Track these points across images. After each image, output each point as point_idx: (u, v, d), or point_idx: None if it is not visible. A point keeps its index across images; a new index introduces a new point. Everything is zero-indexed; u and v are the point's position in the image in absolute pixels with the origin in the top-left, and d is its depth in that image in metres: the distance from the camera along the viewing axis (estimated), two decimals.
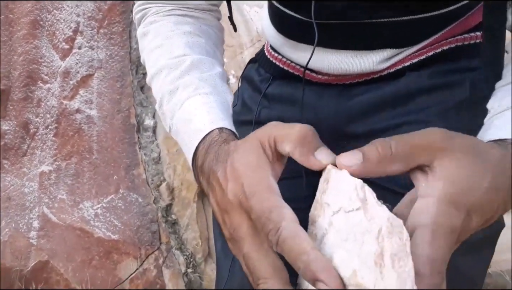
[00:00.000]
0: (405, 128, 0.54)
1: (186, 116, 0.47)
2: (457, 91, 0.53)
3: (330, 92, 0.57)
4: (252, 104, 0.63)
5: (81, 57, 1.47)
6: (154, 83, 0.52)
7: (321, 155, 0.33)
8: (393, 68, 0.55)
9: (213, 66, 0.52)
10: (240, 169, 0.33)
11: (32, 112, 1.45)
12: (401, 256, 0.25)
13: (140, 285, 1.36)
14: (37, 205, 1.39)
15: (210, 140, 0.42)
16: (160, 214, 1.42)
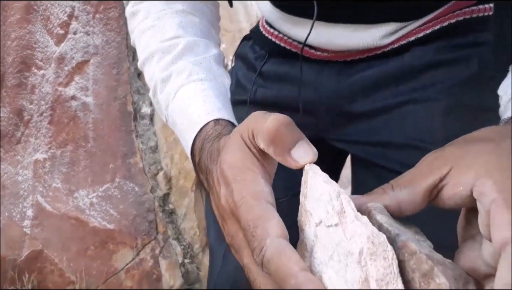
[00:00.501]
0: (409, 107, 0.51)
1: (181, 106, 0.44)
2: (465, 67, 0.50)
3: (330, 69, 0.54)
4: (247, 83, 0.60)
5: (76, 42, 1.44)
6: (146, 68, 0.49)
7: (299, 153, 0.29)
8: (397, 43, 0.52)
9: (208, 48, 0.49)
10: (227, 171, 0.30)
11: (26, 99, 1.42)
12: (388, 280, 0.22)
13: (136, 275, 1.34)
14: (31, 193, 1.36)
15: (204, 134, 0.40)
16: (157, 203, 1.40)
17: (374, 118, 0.53)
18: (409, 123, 0.51)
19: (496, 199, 0.24)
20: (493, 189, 0.24)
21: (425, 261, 0.22)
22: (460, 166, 0.27)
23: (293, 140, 0.29)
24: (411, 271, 0.23)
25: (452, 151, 0.28)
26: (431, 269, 0.22)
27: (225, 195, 0.30)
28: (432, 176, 0.28)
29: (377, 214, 0.26)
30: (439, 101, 0.50)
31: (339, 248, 0.24)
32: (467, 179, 0.26)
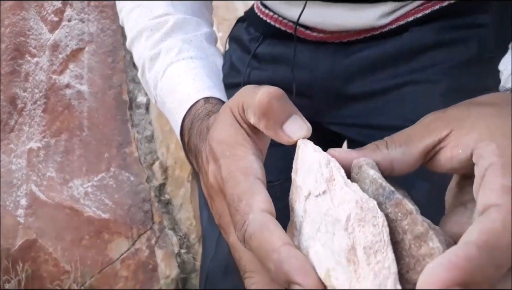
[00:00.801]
0: (408, 88, 0.50)
1: (170, 85, 0.43)
2: (464, 48, 0.49)
3: (326, 50, 0.53)
4: (241, 65, 0.58)
5: (70, 30, 1.42)
6: (134, 47, 0.48)
7: (291, 127, 0.27)
8: (395, 23, 0.50)
9: (199, 26, 0.48)
10: (217, 148, 0.29)
11: (19, 87, 1.40)
12: (377, 248, 0.20)
13: (132, 265, 1.34)
14: (25, 182, 1.35)
15: (194, 113, 0.38)
16: (153, 193, 1.39)
17: (372, 100, 0.52)
18: (407, 105, 0.50)
19: (494, 163, 0.22)
20: (494, 153, 0.22)
21: (421, 223, 0.20)
22: (462, 127, 0.25)
23: (285, 113, 0.27)
24: (402, 231, 0.21)
25: (454, 113, 0.27)
26: (426, 232, 0.20)
27: (214, 171, 0.29)
28: (430, 136, 0.26)
29: (369, 169, 0.24)
30: (438, 82, 0.49)
31: (326, 217, 0.23)
32: (468, 141, 0.24)
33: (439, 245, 0.20)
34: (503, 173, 0.21)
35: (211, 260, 0.53)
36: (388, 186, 0.22)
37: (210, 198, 0.31)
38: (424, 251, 0.20)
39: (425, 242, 0.20)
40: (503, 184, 0.21)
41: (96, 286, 1.32)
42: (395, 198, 0.21)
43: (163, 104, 0.44)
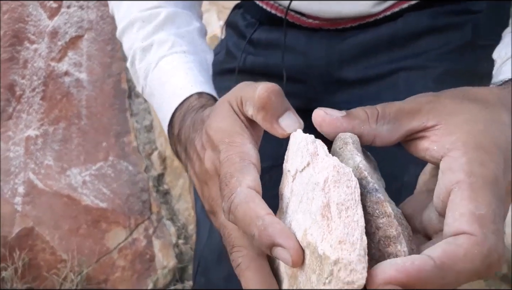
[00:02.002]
0: (402, 74, 0.50)
1: (162, 77, 0.43)
2: (458, 33, 0.49)
3: (321, 36, 0.53)
4: (237, 51, 0.58)
5: (70, 17, 1.41)
6: (125, 37, 0.48)
7: (286, 121, 0.29)
8: (389, 10, 0.50)
9: (190, 20, 0.48)
10: (215, 135, 0.30)
11: (18, 74, 1.39)
12: (348, 205, 0.22)
13: (129, 255, 1.33)
14: (23, 170, 1.34)
15: (187, 106, 0.39)
16: (151, 183, 1.39)
17: (366, 85, 0.52)
18: (401, 91, 0.49)
19: (462, 183, 0.23)
20: (462, 169, 0.23)
21: (395, 227, 0.22)
22: (448, 124, 0.26)
23: (281, 108, 0.29)
24: (376, 227, 0.23)
25: (446, 103, 0.27)
26: (398, 236, 0.22)
27: (212, 157, 0.30)
28: (417, 121, 0.27)
29: (355, 153, 0.25)
30: (432, 68, 0.49)
31: (308, 186, 0.24)
32: (445, 143, 0.25)
33: (406, 249, 0.22)
34: (471, 197, 0.22)
35: (204, 247, 0.53)
36: (372, 182, 0.23)
37: (204, 183, 0.32)
38: (390, 250, 0.22)
39: (394, 243, 0.22)
40: (472, 211, 0.22)
41: (93, 275, 1.31)
42: (377, 197, 0.23)
43: (152, 95, 0.44)
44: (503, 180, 0.23)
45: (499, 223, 0.22)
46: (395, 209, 0.24)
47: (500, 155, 0.24)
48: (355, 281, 0.21)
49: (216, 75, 0.49)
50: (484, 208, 0.22)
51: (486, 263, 0.21)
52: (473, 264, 0.21)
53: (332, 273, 0.21)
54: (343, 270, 0.21)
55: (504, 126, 0.25)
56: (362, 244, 0.21)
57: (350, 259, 0.21)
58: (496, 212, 0.22)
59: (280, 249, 0.23)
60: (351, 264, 0.21)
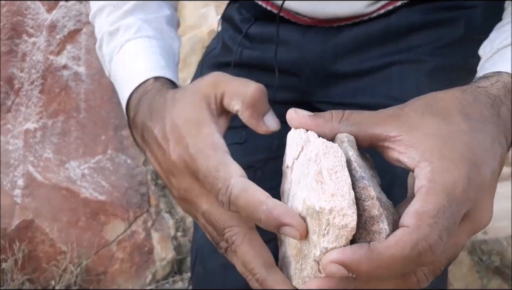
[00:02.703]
0: (395, 68, 0.51)
1: (124, 61, 0.44)
2: (451, 29, 0.50)
3: (316, 32, 0.54)
4: (233, 44, 0.59)
5: (68, 10, 1.41)
6: (96, 21, 0.49)
7: (270, 121, 0.31)
8: (383, 9, 0.51)
9: (160, 8, 0.49)
10: (181, 127, 0.31)
11: (16, 67, 1.40)
12: (337, 169, 0.26)
13: (128, 247, 1.34)
14: (22, 163, 1.35)
15: (142, 90, 0.39)
16: (150, 176, 1.39)
17: (360, 79, 0.52)
18: (394, 85, 0.50)
19: (422, 187, 0.26)
20: (426, 177, 0.26)
21: (377, 208, 0.26)
22: (410, 137, 0.28)
23: (266, 108, 0.31)
24: (363, 209, 0.26)
25: (409, 116, 0.29)
26: (380, 215, 0.26)
27: (178, 150, 0.31)
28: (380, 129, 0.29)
29: (349, 148, 0.28)
30: (425, 62, 0.50)
31: (303, 166, 0.28)
32: (414, 155, 0.27)
33: (387, 227, 0.26)
34: (422, 198, 0.25)
35: (201, 238, 0.53)
36: (360, 171, 0.27)
37: (170, 173, 0.33)
38: (375, 229, 0.26)
39: (377, 222, 0.26)
40: (416, 209, 0.25)
41: (92, 267, 1.33)
42: (363, 183, 0.26)
43: (115, 79, 0.45)
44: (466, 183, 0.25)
45: (443, 219, 0.24)
46: (382, 197, 0.27)
47: (463, 161, 0.26)
48: (347, 224, 0.25)
49: (213, 68, 0.50)
50: (429, 206, 0.25)
51: (415, 250, 0.24)
52: (403, 250, 0.24)
53: (329, 222, 0.25)
54: (337, 216, 0.25)
55: (462, 133, 0.27)
56: (351, 195, 0.25)
57: (341, 206, 0.25)
58: (442, 210, 0.24)
59: (287, 227, 0.25)
60: (343, 209, 0.25)
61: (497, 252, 1.14)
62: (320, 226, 0.26)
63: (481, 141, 0.28)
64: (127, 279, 1.34)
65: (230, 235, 0.29)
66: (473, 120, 0.28)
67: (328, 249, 0.25)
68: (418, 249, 0.24)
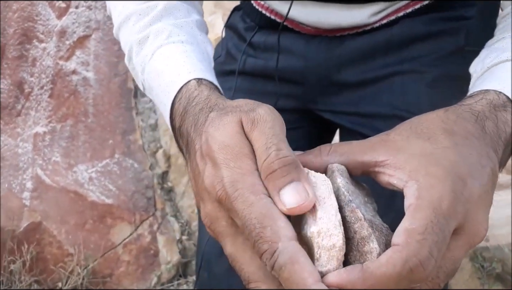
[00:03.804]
0: (397, 78, 0.51)
1: (158, 68, 0.40)
2: (452, 39, 0.51)
3: (319, 42, 0.54)
4: (237, 53, 0.59)
5: (78, 16, 1.43)
6: (121, 33, 0.46)
7: (287, 196, 0.27)
8: (386, 19, 0.52)
9: (189, 12, 0.46)
10: (219, 152, 0.28)
11: (27, 72, 1.42)
12: (324, 195, 0.28)
13: (134, 250, 1.36)
14: (31, 166, 1.37)
15: (188, 96, 0.36)
16: (156, 181, 1.41)
17: (362, 88, 0.53)
18: (396, 94, 0.51)
19: (411, 205, 0.26)
20: (414, 195, 0.26)
21: (366, 229, 0.27)
22: (397, 160, 0.29)
23: (285, 180, 0.27)
24: (353, 231, 0.27)
25: (395, 140, 0.30)
26: (369, 235, 0.27)
27: (212, 179, 0.28)
28: (369, 156, 0.30)
29: (338, 176, 0.29)
30: (426, 72, 0.50)
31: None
32: (402, 176, 0.28)
33: (377, 246, 0.26)
34: (411, 216, 0.26)
35: (207, 243, 0.54)
36: (347, 195, 0.28)
37: (200, 199, 0.31)
38: (366, 249, 0.27)
39: (367, 243, 0.27)
40: (405, 227, 0.25)
41: (98, 269, 1.34)
42: (351, 206, 0.28)
43: (151, 89, 0.42)
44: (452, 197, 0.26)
45: (431, 234, 0.25)
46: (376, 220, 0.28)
47: (448, 176, 0.27)
48: (335, 244, 0.26)
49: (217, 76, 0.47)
50: (417, 222, 0.25)
51: (406, 267, 0.24)
52: (394, 268, 0.24)
53: (319, 245, 0.26)
54: (325, 238, 0.26)
55: (446, 150, 0.28)
56: (337, 217, 0.26)
57: (328, 227, 0.26)
58: (430, 226, 0.25)
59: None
60: (329, 230, 0.26)
61: (499, 259, 1.14)
62: (313, 252, 0.26)
63: (466, 156, 0.28)
64: (133, 281, 1.35)
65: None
66: (457, 136, 0.29)
67: (323, 272, 0.26)
68: (409, 266, 0.24)
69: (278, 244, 0.25)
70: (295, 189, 0.27)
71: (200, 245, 0.57)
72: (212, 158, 0.29)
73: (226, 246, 0.29)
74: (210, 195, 0.29)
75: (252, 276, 0.27)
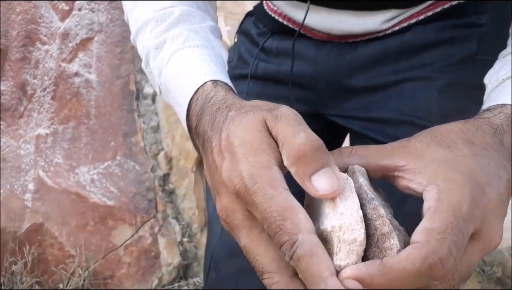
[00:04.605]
0: (407, 84, 0.52)
1: (175, 71, 0.42)
2: (464, 46, 0.51)
3: (331, 48, 0.55)
4: (249, 57, 0.60)
5: (81, 19, 1.44)
6: (139, 39, 0.47)
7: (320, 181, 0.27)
8: (397, 26, 0.52)
9: (204, 19, 0.48)
10: (238, 147, 0.29)
11: (29, 74, 1.42)
12: (346, 194, 0.28)
13: (135, 252, 1.36)
14: (33, 168, 1.37)
15: (204, 97, 0.37)
16: (157, 183, 1.41)
17: (373, 94, 0.54)
18: (406, 100, 0.52)
19: (430, 208, 0.27)
20: (433, 198, 0.27)
21: (388, 225, 0.28)
22: (416, 165, 0.29)
23: (318, 165, 0.27)
24: (374, 228, 0.28)
25: (415, 146, 0.31)
26: (390, 232, 0.28)
27: (230, 172, 0.28)
28: (389, 160, 0.30)
29: (360, 176, 0.30)
30: (437, 79, 0.51)
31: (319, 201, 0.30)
32: (421, 180, 0.29)
33: (398, 243, 0.27)
34: (431, 217, 0.27)
35: (216, 243, 0.55)
36: (370, 193, 0.29)
37: (216, 192, 0.31)
38: (386, 245, 0.28)
39: (388, 239, 0.28)
40: (425, 226, 0.26)
41: (99, 270, 1.34)
42: (373, 204, 0.29)
43: (168, 92, 0.43)
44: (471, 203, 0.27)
45: (451, 234, 0.26)
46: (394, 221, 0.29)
47: (467, 182, 0.28)
48: (356, 238, 0.26)
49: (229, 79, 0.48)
50: (437, 223, 0.26)
51: (426, 263, 0.25)
52: (413, 264, 0.25)
53: (339, 239, 0.27)
54: (346, 232, 0.27)
55: (465, 158, 0.29)
56: (358, 213, 0.27)
57: (350, 222, 0.27)
58: (450, 227, 0.26)
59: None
60: (351, 225, 0.27)
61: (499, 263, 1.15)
62: (332, 246, 0.27)
63: (485, 166, 0.29)
64: (134, 283, 1.36)
65: (269, 283, 0.27)
66: (476, 147, 0.30)
67: (342, 266, 0.26)
68: (428, 263, 0.25)
69: (298, 236, 0.25)
70: (327, 175, 0.27)
71: (209, 246, 0.58)
72: (231, 153, 0.29)
73: (241, 238, 0.29)
74: (228, 188, 0.29)
75: (266, 268, 0.28)
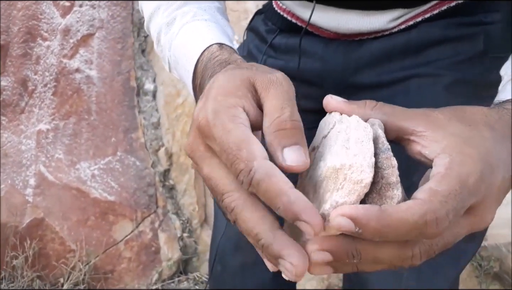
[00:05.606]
0: (414, 81, 0.53)
1: (183, 41, 0.44)
2: (471, 44, 0.52)
3: (338, 45, 0.56)
4: (258, 53, 0.61)
5: (82, 15, 1.44)
6: (152, 23, 0.50)
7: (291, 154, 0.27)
8: (404, 24, 0.53)
9: (212, 1, 0.51)
10: (213, 90, 0.30)
11: (30, 69, 1.43)
12: (363, 139, 0.28)
13: (135, 247, 1.37)
14: (34, 163, 1.38)
15: (209, 56, 0.38)
16: (158, 178, 1.42)
17: (379, 91, 0.54)
18: (412, 97, 0.52)
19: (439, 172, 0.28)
20: (444, 165, 0.28)
21: (396, 176, 0.28)
22: (435, 134, 0.30)
23: (292, 141, 0.28)
24: (381, 176, 0.28)
25: (436, 117, 0.31)
26: (397, 182, 0.28)
27: (199, 110, 0.29)
28: (409, 123, 0.31)
29: (378, 128, 0.30)
30: (443, 76, 0.51)
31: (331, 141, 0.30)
32: (436, 148, 0.29)
33: (400, 194, 0.27)
34: (438, 180, 0.27)
35: (222, 237, 0.56)
36: (386, 144, 0.29)
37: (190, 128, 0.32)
38: (388, 194, 0.27)
39: (392, 189, 0.27)
40: (431, 187, 0.27)
41: (100, 265, 1.35)
42: (387, 153, 0.28)
43: (176, 63, 0.45)
44: (478, 177, 0.28)
45: (453, 200, 0.26)
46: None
47: (479, 160, 0.28)
48: (363, 179, 0.26)
49: None
50: (442, 187, 0.27)
51: (423, 219, 0.25)
52: (412, 216, 0.25)
53: (346, 177, 0.27)
54: (355, 172, 0.27)
55: (484, 139, 0.30)
56: (371, 159, 0.27)
57: (361, 163, 0.27)
58: (454, 193, 0.26)
59: (304, 223, 0.25)
60: (362, 166, 0.27)
61: (496, 258, 1.16)
62: (336, 183, 0.27)
63: (499, 151, 0.30)
64: (134, 278, 1.37)
65: (229, 202, 0.28)
66: (496, 132, 0.30)
67: (339, 203, 0.26)
68: (425, 219, 0.25)
69: (253, 163, 0.26)
70: (298, 151, 0.28)
71: (214, 239, 0.59)
72: (208, 94, 0.30)
73: (203, 170, 0.29)
74: (194, 124, 0.30)
75: (226, 188, 0.28)
